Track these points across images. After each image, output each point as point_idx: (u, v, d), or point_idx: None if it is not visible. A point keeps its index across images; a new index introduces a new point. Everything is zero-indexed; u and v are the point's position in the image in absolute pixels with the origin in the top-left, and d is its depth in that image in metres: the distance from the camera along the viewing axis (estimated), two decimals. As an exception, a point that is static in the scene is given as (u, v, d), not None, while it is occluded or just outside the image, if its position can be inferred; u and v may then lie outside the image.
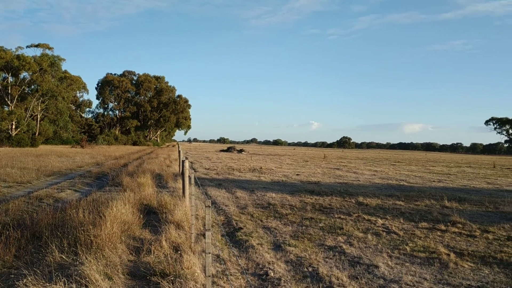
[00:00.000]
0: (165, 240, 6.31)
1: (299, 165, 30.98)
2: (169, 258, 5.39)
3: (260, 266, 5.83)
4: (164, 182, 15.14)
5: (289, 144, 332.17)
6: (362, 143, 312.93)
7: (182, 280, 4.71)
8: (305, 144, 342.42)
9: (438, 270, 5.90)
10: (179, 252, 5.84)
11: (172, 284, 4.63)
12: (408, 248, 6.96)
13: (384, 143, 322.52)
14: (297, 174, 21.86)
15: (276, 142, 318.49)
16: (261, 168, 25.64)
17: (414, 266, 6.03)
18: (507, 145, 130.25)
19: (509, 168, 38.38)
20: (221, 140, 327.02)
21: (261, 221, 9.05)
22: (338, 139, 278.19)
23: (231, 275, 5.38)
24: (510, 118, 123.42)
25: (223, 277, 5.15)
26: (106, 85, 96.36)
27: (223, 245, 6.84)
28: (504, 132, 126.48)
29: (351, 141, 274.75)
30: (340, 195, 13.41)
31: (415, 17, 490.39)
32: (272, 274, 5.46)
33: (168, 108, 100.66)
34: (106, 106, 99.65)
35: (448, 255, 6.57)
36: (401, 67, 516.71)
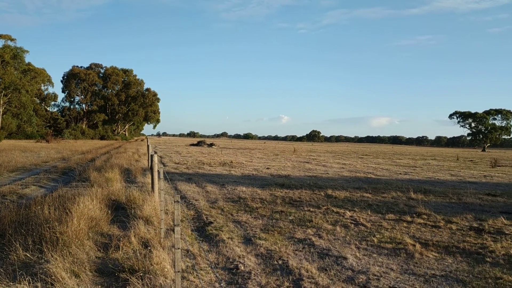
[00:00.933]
0: (134, 235, 6.22)
1: (269, 159, 31.12)
2: (138, 254, 5.32)
3: (231, 260, 5.83)
4: (132, 177, 14.92)
5: (260, 138, 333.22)
6: (331, 136, 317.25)
7: (151, 276, 4.66)
8: (276, 138, 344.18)
9: (404, 260, 6.06)
10: (148, 247, 5.78)
11: (141, 280, 4.57)
12: (375, 240, 7.11)
13: (353, 136, 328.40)
14: (268, 168, 21.96)
15: (247, 136, 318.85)
16: (231, 162, 25.62)
17: (381, 257, 6.17)
18: (470, 138, 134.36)
19: (471, 161, 39.72)
20: (191, 134, 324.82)
21: (232, 215, 9.05)
22: (308, 133, 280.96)
23: (201, 269, 5.36)
24: (473, 112, 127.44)
25: (193, 272, 5.13)
26: (72, 78, 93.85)
27: (193, 240, 6.81)
28: (467, 126, 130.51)
29: (321, 134, 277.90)
30: (309, 188, 13.56)
31: (382, 12, 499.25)
32: (242, 267, 5.48)
33: (136, 101, 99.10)
34: (72, 99, 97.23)
35: (414, 245, 6.75)
36: (369, 62, 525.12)
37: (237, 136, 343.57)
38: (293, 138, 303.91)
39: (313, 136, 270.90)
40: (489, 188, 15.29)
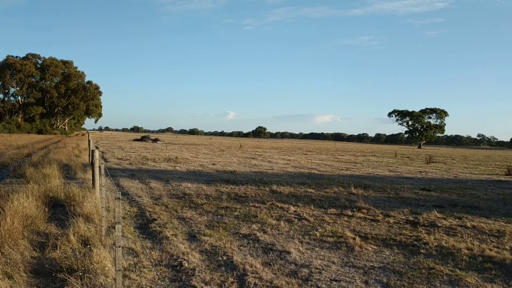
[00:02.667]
0: (73, 234, 5.99)
1: (215, 155, 31.02)
2: (77, 253, 5.13)
3: (174, 257, 5.77)
4: (72, 173, 14.34)
5: (206, 134, 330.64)
6: (276, 133, 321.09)
7: (91, 275, 4.51)
8: (222, 134, 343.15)
9: (345, 253, 6.26)
10: (88, 246, 5.58)
11: (81, 279, 4.42)
12: (318, 234, 7.30)
13: (297, 133, 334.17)
14: (213, 164, 21.88)
15: (193, 132, 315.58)
16: (176, 158, 25.28)
17: (323, 251, 6.34)
18: (407, 135, 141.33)
19: (408, 157, 41.68)
20: (135, 129, 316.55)
21: (176, 211, 8.94)
22: (254, 129, 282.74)
23: (143, 267, 5.26)
24: (410, 110, 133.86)
25: (135, 270, 5.02)
26: (6, 69, 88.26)
27: (136, 238, 6.66)
28: (405, 124, 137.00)
29: (267, 131, 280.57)
30: (255, 184, 13.66)
31: (326, 12, 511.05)
32: (186, 264, 5.43)
33: (77, 94, 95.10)
34: (7, 91, 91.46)
35: (354, 239, 6.99)
36: (313, 60, 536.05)
37: (183, 132, 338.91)
38: (239, 134, 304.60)
39: (259, 132, 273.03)
40: (424, 183, 16.12)
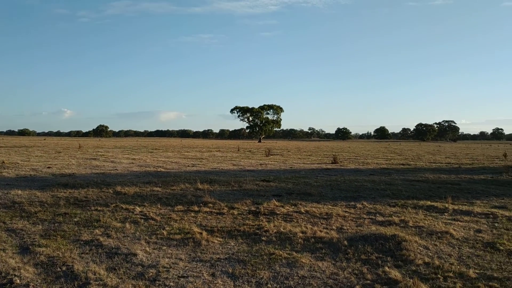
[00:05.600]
0: None
1: (50, 157, 28.37)
2: None
3: (3, 274, 5.14)
4: None
5: (39, 134, 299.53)
6: (120, 131, 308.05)
7: None
8: (58, 134, 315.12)
9: (192, 249, 6.36)
10: None
11: None
12: (165, 232, 7.26)
13: (142, 130, 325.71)
14: (49, 167, 20.00)
15: (23, 132, 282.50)
16: (3, 162, 22.43)
17: (171, 249, 6.34)
18: (249, 130, 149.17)
19: (250, 151, 44.01)
20: None
21: (4, 223, 7.96)
22: (95, 128, 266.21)
23: (-36, 291, 4.58)
24: (250, 107, 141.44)
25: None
26: None
27: (-47, 257, 5.75)
28: (246, 119, 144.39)
29: (109, 129, 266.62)
30: (97, 186, 12.93)
31: (167, 8, 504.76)
32: (18, 281, 4.89)
33: None
34: None
35: (201, 233, 7.14)
36: (155, 56, 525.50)
37: (11, 133, 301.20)
38: (78, 134, 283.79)
39: (101, 131, 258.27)
40: (264, 175, 17.23)
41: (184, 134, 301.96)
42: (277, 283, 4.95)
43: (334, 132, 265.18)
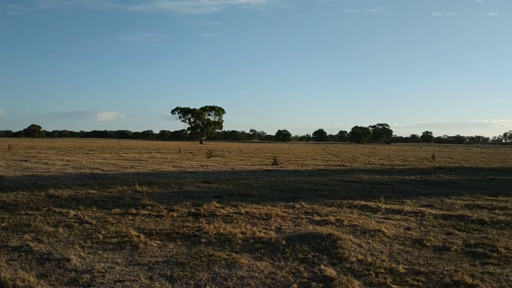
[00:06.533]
0: None
1: (-25, 159, 26.53)
2: None
3: None
4: None
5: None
6: (54, 131, 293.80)
7: None
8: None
9: (129, 252, 6.22)
10: None
11: None
12: (101, 236, 7.04)
13: (78, 131, 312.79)
14: (-27, 169, 18.70)
15: None
16: None
17: (107, 253, 6.16)
18: (190, 131, 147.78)
19: (191, 152, 43.63)
20: None
21: None
22: (26, 128, 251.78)
23: None
24: (192, 108, 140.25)
25: None
26: None
27: None
28: (187, 120, 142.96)
29: (42, 129, 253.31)
30: (27, 189, 12.27)
31: (106, 5, 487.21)
32: None
33: None
34: None
35: (139, 236, 7.00)
36: (92, 54, 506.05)
37: None
38: (8, 134, 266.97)
39: (33, 131, 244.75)
40: (205, 176, 17.16)
41: (122, 135, 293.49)
42: (215, 284, 4.97)
43: (275, 134, 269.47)
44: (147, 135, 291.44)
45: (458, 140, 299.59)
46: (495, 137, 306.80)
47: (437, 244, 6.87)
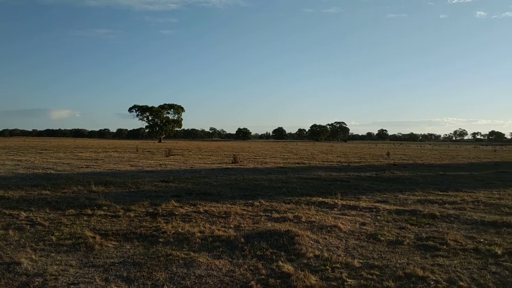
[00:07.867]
0: None
1: None
2: None
3: None
4: None
5: None
6: (4, 130, 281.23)
7: None
8: None
9: (84, 254, 6.07)
10: None
11: None
12: (54, 238, 6.83)
13: (30, 130, 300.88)
14: None
15: None
16: None
17: (60, 255, 5.98)
18: (148, 130, 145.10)
19: (149, 151, 42.90)
20: None
21: None
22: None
23: None
24: (150, 106, 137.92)
25: None
26: None
27: None
28: (145, 119, 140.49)
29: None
30: (-26, 191, 11.70)
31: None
32: None
33: None
34: None
35: (94, 237, 6.84)
36: (47, 50, 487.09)
37: None
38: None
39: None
40: (163, 176, 16.93)
41: (78, 133, 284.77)
42: (173, 284, 4.94)
43: (235, 132, 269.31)
44: (103, 134, 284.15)
45: (411, 137, 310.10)
46: (446, 135, 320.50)
47: (390, 239, 7.10)
